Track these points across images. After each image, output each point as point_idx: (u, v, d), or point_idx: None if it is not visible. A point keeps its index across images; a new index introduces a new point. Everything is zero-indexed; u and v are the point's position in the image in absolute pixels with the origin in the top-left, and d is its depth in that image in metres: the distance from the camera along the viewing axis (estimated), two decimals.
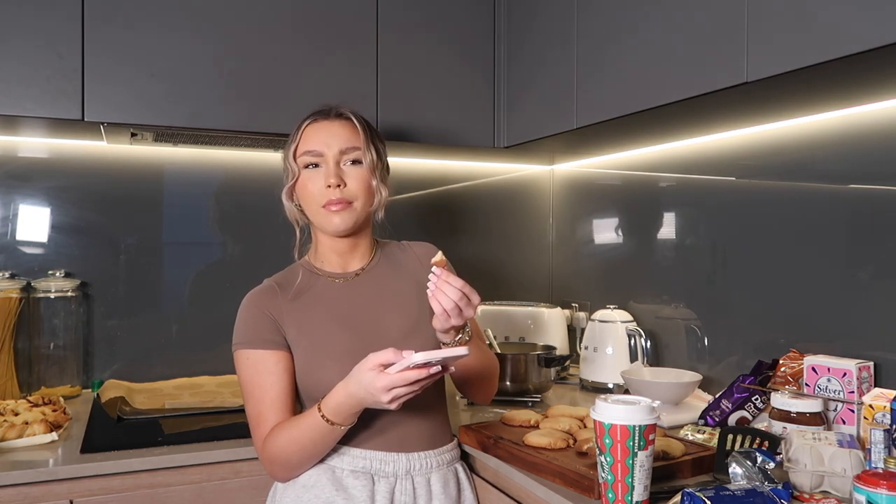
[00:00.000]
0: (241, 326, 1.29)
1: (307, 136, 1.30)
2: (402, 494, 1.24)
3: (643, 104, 1.47)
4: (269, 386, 1.23)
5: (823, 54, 1.09)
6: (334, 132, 1.29)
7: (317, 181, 1.28)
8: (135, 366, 1.94)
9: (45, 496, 1.28)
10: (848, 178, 1.47)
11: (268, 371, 1.24)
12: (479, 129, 1.97)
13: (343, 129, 1.30)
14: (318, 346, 1.26)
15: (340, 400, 1.13)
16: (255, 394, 1.24)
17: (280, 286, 1.32)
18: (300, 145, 1.29)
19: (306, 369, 1.26)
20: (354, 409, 1.14)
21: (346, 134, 1.29)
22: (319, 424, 1.15)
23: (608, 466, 1.01)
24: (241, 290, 2.05)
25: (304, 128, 1.31)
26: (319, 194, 1.28)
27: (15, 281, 1.78)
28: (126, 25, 1.62)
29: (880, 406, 1.19)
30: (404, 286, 1.35)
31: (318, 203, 1.28)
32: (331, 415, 1.14)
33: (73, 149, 1.90)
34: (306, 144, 1.29)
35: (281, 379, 1.24)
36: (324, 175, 1.27)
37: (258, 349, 1.25)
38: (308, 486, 1.23)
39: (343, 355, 1.21)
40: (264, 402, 1.23)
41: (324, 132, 1.29)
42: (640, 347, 1.86)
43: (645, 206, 2.04)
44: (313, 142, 1.29)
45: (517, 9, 1.93)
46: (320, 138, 1.29)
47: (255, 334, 1.26)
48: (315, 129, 1.30)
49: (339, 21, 1.81)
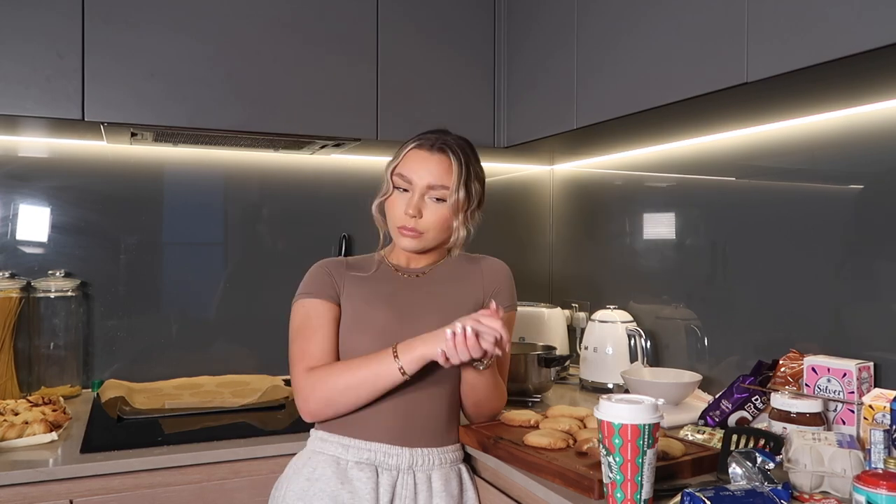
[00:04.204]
0: (308, 281, 1.38)
1: (406, 161, 1.35)
2: (402, 488, 1.27)
3: (643, 104, 1.47)
4: (322, 328, 1.32)
5: (823, 54, 1.09)
6: (429, 167, 1.33)
7: (399, 204, 1.35)
8: (135, 366, 1.94)
9: (44, 496, 1.28)
10: (848, 178, 1.47)
11: (321, 317, 1.33)
12: (479, 129, 1.97)
13: (438, 166, 1.34)
14: (359, 317, 1.34)
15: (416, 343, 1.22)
16: (305, 333, 1.32)
17: (348, 263, 1.42)
18: (398, 167, 1.36)
19: (346, 332, 1.33)
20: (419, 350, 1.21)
21: (439, 171, 1.34)
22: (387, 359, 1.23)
23: (617, 466, 1.01)
24: (241, 290, 2.08)
25: (407, 151, 1.36)
26: (399, 217, 1.35)
27: (15, 281, 1.78)
28: (126, 25, 1.62)
29: (880, 406, 1.19)
30: (456, 293, 1.39)
31: (396, 223, 1.36)
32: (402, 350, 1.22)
33: (73, 149, 1.90)
34: (402, 168, 1.35)
35: (333, 327, 1.33)
36: (406, 202, 1.34)
37: (317, 299, 1.34)
38: (313, 478, 1.26)
39: (379, 333, 1.30)
40: (315, 342, 1.31)
41: (420, 163, 1.34)
42: (640, 347, 1.86)
43: (645, 206, 2.04)
44: (408, 168, 1.34)
45: (517, 9, 1.93)
46: (414, 168, 1.34)
47: (318, 288, 1.35)
48: (414, 157, 1.35)
49: (339, 21, 1.82)
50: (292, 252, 2.12)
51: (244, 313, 2.07)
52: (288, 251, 2.12)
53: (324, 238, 2.16)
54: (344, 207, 2.16)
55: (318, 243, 2.15)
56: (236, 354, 2.03)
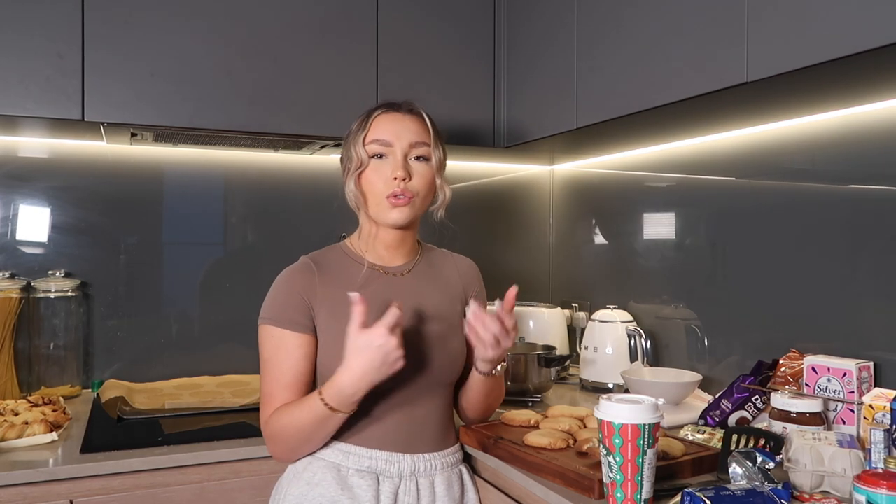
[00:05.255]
0: (272, 302, 1.28)
1: (377, 126, 1.29)
2: (405, 495, 1.25)
3: (643, 104, 1.47)
4: (287, 368, 1.24)
5: (823, 54, 1.09)
6: (406, 125, 1.29)
7: (382, 172, 1.27)
8: (135, 366, 1.94)
9: (45, 496, 1.28)
10: (848, 179, 1.47)
11: (287, 352, 1.24)
12: (480, 129, 1.97)
13: (414, 123, 1.30)
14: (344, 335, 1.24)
15: (341, 380, 1.14)
16: (272, 372, 1.25)
17: (317, 265, 1.31)
18: (369, 134, 1.28)
19: (331, 354, 1.22)
20: (354, 388, 1.14)
21: (416, 129, 1.30)
22: (319, 408, 1.16)
23: (617, 466, 1.01)
24: (241, 290, 2.08)
25: (374, 117, 1.30)
26: (384, 185, 1.27)
27: (15, 281, 1.78)
28: (126, 25, 1.62)
29: (880, 406, 1.19)
30: (441, 296, 1.36)
31: (382, 193, 1.27)
32: (330, 398, 1.15)
33: (73, 149, 1.90)
34: (376, 133, 1.28)
35: (299, 363, 1.25)
36: (391, 166, 1.27)
37: (283, 328, 1.25)
38: (313, 483, 1.23)
39: None
40: (279, 382, 1.24)
41: (396, 124, 1.29)
42: (640, 347, 1.86)
43: (645, 206, 2.04)
44: (384, 132, 1.28)
45: (517, 9, 1.93)
46: (391, 129, 1.28)
47: (284, 313, 1.26)
48: (386, 120, 1.29)
49: (339, 21, 1.82)
50: (292, 252, 2.10)
51: (244, 313, 2.05)
52: (288, 251, 2.10)
53: (324, 238, 2.15)
54: (344, 208, 2.16)
55: (318, 243, 2.14)
56: (236, 354, 2.03)
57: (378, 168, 1.28)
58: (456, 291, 1.38)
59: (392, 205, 1.27)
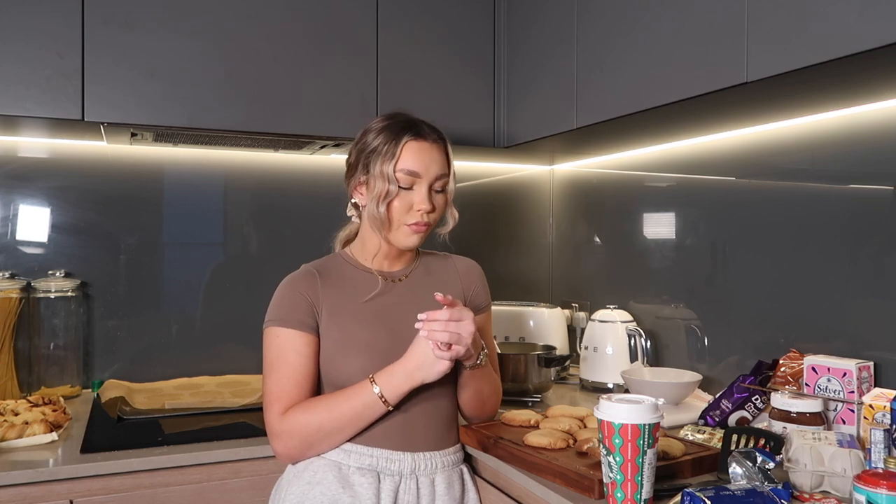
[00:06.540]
0: (277, 305, 1.31)
1: (407, 155, 1.28)
2: (405, 493, 1.25)
3: (643, 104, 1.47)
4: (298, 365, 1.26)
5: (823, 54, 1.09)
6: (433, 157, 1.30)
7: (408, 201, 1.29)
8: (135, 366, 1.94)
9: (45, 496, 1.28)
10: (847, 178, 1.47)
11: (296, 351, 1.26)
12: (479, 129, 1.98)
13: (439, 154, 1.32)
14: (347, 337, 1.28)
15: (397, 368, 1.21)
16: (281, 370, 1.26)
17: (319, 272, 1.34)
18: (400, 162, 1.27)
19: (333, 356, 1.28)
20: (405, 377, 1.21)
21: (441, 160, 1.32)
22: (368, 395, 1.21)
23: (617, 466, 1.01)
24: (241, 290, 2.08)
25: (404, 144, 1.28)
26: (408, 214, 1.30)
27: (15, 281, 1.78)
28: (126, 26, 1.62)
29: (880, 406, 1.19)
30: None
31: (404, 221, 1.30)
32: (382, 383, 1.21)
33: (73, 149, 1.90)
34: (408, 163, 1.28)
35: (309, 361, 1.27)
36: (418, 197, 1.29)
37: (290, 328, 1.27)
38: (314, 482, 1.24)
39: (370, 350, 1.27)
40: (291, 380, 1.25)
41: (424, 155, 1.29)
42: (640, 347, 1.86)
43: (645, 206, 2.04)
44: (414, 162, 1.28)
45: (517, 9, 1.93)
46: (421, 161, 1.29)
47: (290, 314, 1.28)
48: (415, 149, 1.29)
49: (339, 21, 1.82)
50: (292, 252, 2.11)
51: (244, 313, 2.06)
52: (288, 251, 2.12)
53: (323, 238, 2.16)
54: (343, 208, 2.16)
55: (318, 243, 2.14)
56: (236, 354, 2.03)
57: (404, 197, 1.29)
58: (454, 293, 1.38)
59: (413, 231, 1.31)
